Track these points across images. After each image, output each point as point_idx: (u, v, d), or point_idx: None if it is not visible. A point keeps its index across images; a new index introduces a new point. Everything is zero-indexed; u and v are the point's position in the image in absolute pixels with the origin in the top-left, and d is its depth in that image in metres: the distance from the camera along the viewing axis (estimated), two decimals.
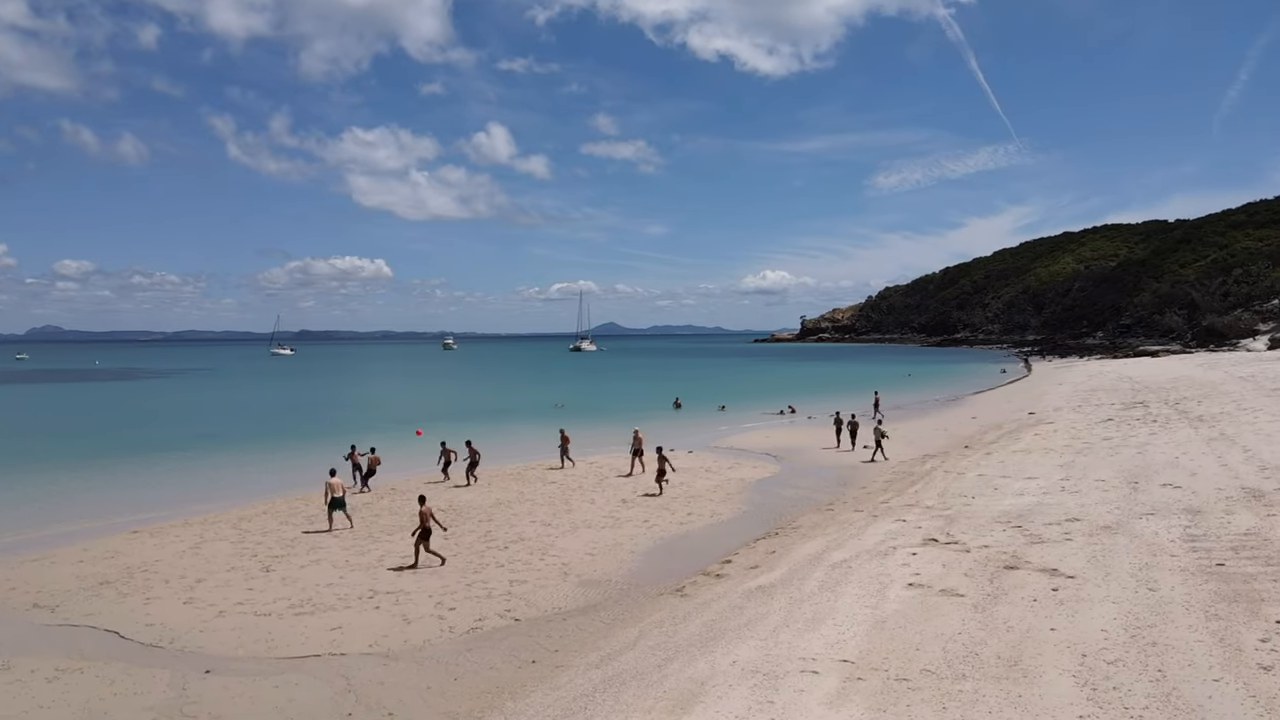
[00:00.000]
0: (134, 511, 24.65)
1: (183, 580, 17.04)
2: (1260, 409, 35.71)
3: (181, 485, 29.37)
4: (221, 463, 34.88)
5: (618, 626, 13.53)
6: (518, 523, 21.87)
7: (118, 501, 26.46)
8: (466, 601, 15.17)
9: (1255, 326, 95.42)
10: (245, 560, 18.55)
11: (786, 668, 10.88)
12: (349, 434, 44.31)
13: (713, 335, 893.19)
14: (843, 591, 14.02)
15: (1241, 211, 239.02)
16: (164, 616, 14.76)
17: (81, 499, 26.84)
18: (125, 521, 23.24)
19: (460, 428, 47.20)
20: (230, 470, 32.95)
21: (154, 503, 26.07)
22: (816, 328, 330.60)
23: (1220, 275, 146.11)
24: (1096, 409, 44.17)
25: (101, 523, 23.20)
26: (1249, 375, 57.09)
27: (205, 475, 31.76)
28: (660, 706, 10.02)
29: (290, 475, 31.42)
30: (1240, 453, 24.83)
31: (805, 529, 19.86)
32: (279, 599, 15.56)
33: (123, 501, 26.46)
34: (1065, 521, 17.95)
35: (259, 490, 28.09)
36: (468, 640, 13.29)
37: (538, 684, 11.28)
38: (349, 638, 13.46)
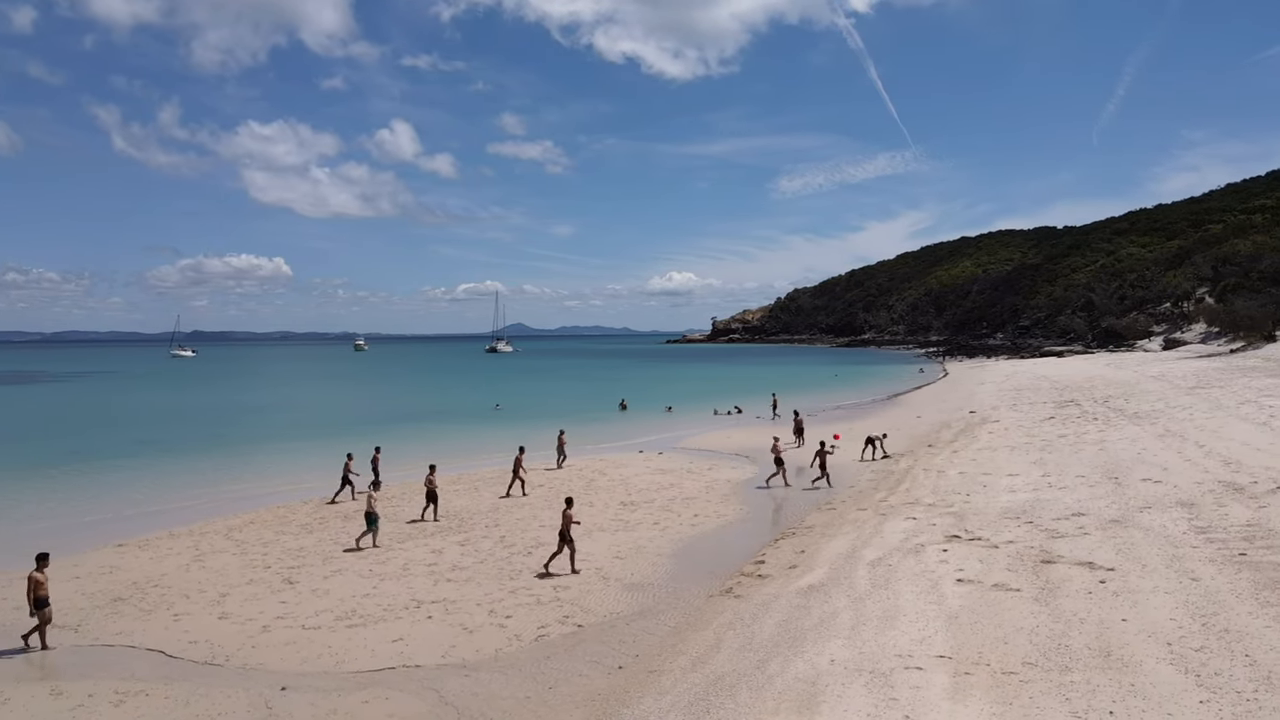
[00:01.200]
0: (100, 523, 23.48)
1: (203, 595, 16.32)
2: (1189, 406, 38.02)
3: (137, 494, 27.98)
4: (171, 470, 33.39)
5: (687, 630, 13.59)
6: (527, 527, 21.68)
7: (77, 513, 25.10)
8: (519, 609, 15.00)
9: (1150, 328, 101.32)
10: (259, 572, 17.87)
11: (887, 665, 11.18)
12: (297, 439, 43.03)
13: (621, 336, 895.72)
14: (898, 589, 14.42)
15: (1124, 219, 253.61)
16: (204, 633, 14.13)
17: (36, 511, 25.32)
18: (97, 534, 22.07)
19: (411, 430, 46.51)
20: (185, 477, 31.58)
21: (116, 513, 24.87)
22: (727, 328, 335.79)
23: (1114, 280, 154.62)
24: (1032, 408, 46.23)
25: (70, 536, 21.96)
26: (1159, 374, 60.63)
27: (159, 483, 30.33)
28: (785, 707, 10.18)
29: (253, 482, 30.44)
30: (1195, 448, 26.43)
31: (819, 528, 20.27)
32: (320, 611, 15.08)
33: (83, 512, 25.12)
34: (1072, 516, 18.84)
35: (227, 498, 27.08)
36: (539, 649, 13.16)
37: (641, 689, 11.27)
38: (416, 649, 13.16)
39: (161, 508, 25.78)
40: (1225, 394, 41.85)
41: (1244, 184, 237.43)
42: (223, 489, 29.02)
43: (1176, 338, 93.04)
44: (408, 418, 54.01)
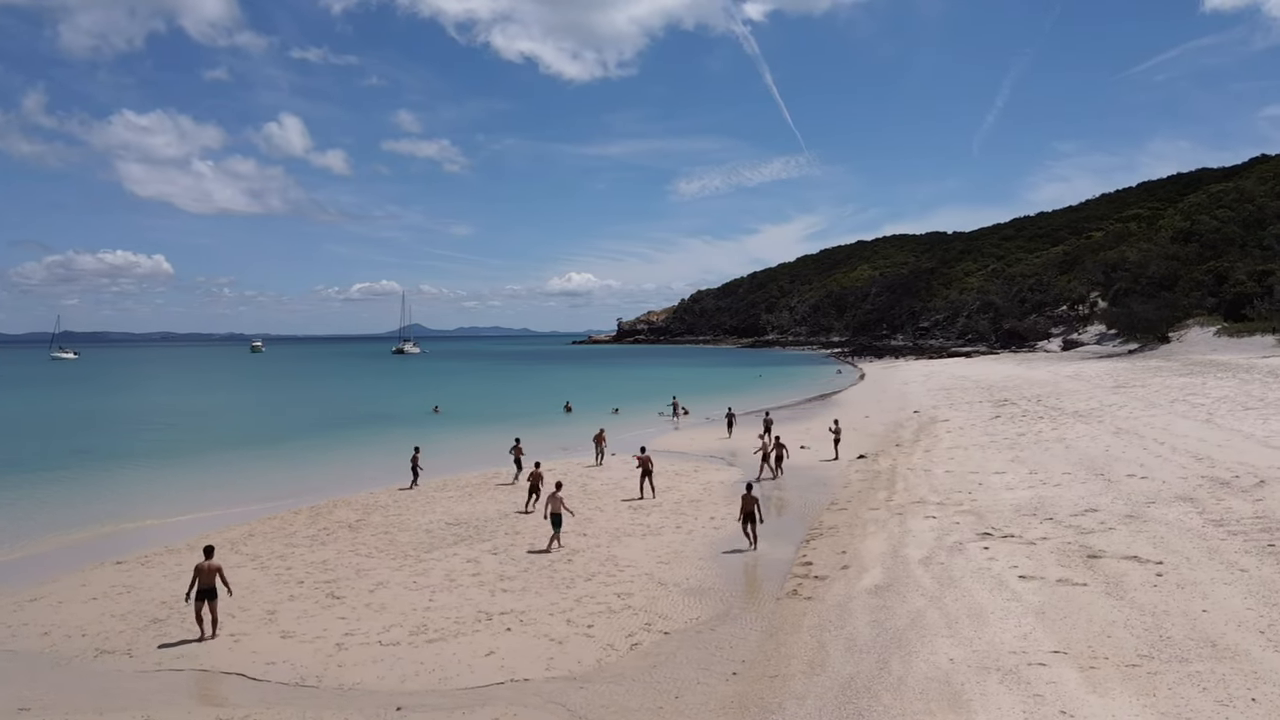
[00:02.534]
0: (83, 539, 22.06)
1: (248, 613, 15.53)
2: (1123, 405, 40.34)
3: (99, 506, 26.40)
4: (127, 479, 31.60)
5: (779, 634, 13.69)
6: (542, 536, 21.37)
7: (38, 526, 23.59)
8: (596, 618, 14.82)
9: (1049, 330, 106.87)
10: (294, 587, 17.12)
11: (1008, 662, 11.55)
12: (250, 447, 41.25)
13: (520, 337, 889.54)
14: (968, 587, 14.88)
15: (1010, 226, 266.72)
16: (275, 653, 13.47)
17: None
18: (87, 552, 20.77)
19: (361, 434, 45.09)
20: (148, 486, 29.96)
21: (83, 528, 23.45)
22: (633, 329, 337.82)
23: (1008, 284, 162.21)
24: (971, 407, 48.18)
25: (39, 552, 20.74)
26: (1074, 374, 64.10)
27: (122, 494, 28.69)
28: (935, 708, 10.41)
29: (224, 490, 29.05)
30: (1158, 445, 28.09)
31: (843, 528, 20.68)
32: (388, 626, 14.56)
33: (52, 528, 23.55)
34: (1086, 513, 19.78)
35: (203, 507, 25.81)
36: (640, 658, 13.05)
37: (774, 695, 11.31)
38: (515, 663, 12.87)
39: (137, 522, 24.39)
40: (1150, 393, 44.55)
41: (1117, 194, 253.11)
42: (197, 499, 27.63)
43: (1074, 339, 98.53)
44: (349, 422, 52.42)
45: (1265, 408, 33.78)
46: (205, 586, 14.29)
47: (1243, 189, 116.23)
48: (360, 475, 32.25)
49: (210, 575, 14.36)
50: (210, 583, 14.34)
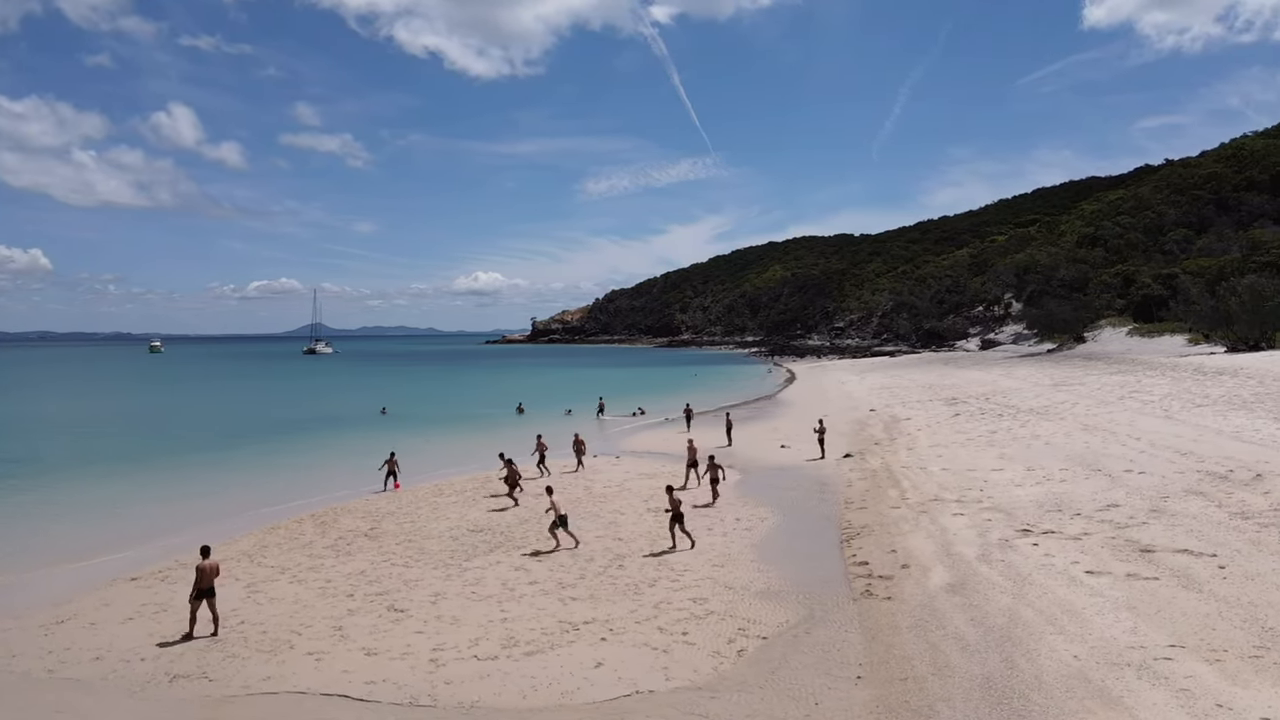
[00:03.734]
0: (43, 555, 20.63)
1: (313, 629, 14.72)
2: (1075, 402, 42.08)
3: (67, 521, 24.75)
4: (83, 492, 29.68)
5: (881, 634, 13.70)
6: (584, 538, 20.97)
7: (31, 550, 21.93)
8: (685, 624, 14.57)
9: (967, 330, 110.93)
10: (346, 600, 16.31)
11: (1132, 657, 11.84)
12: (194, 454, 39.30)
13: (427, 336, 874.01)
14: (1044, 584, 15.21)
15: (915, 229, 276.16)
16: (368, 671, 12.77)
17: None
18: (93, 570, 19.45)
19: (313, 439, 43.33)
20: (110, 500, 28.19)
21: (54, 541, 22.00)
22: (547, 329, 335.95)
23: (919, 285, 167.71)
24: (924, 405, 49.50)
25: (32, 572, 19.32)
26: (1005, 372, 66.58)
27: (86, 508, 26.95)
28: (1091, 705, 10.59)
29: (199, 500, 27.59)
30: (1134, 441, 29.38)
31: (876, 528, 20.89)
32: (476, 639, 14.00)
33: (47, 549, 21.96)
34: (1109, 508, 20.50)
35: (192, 519, 24.45)
36: (754, 664, 12.87)
37: (917, 698, 11.30)
38: (631, 674, 12.52)
39: (121, 533, 22.93)
40: (1093, 390, 46.62)
41: (1014, 199, 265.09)
42: (174, 511, 26.18)
43: (991, 338, 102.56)
44: (296, 426, 50.42)
45: (1216, 404, 35.73)
46: (206, 586, 14.59)
47: (1140, 196, 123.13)
48: (332, 480, 31.12)
49: (210, 575, 14.68)
50: (211, 583, 14.68)
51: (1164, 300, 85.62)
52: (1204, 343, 67.52)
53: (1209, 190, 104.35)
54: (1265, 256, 79.55)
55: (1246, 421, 30.82)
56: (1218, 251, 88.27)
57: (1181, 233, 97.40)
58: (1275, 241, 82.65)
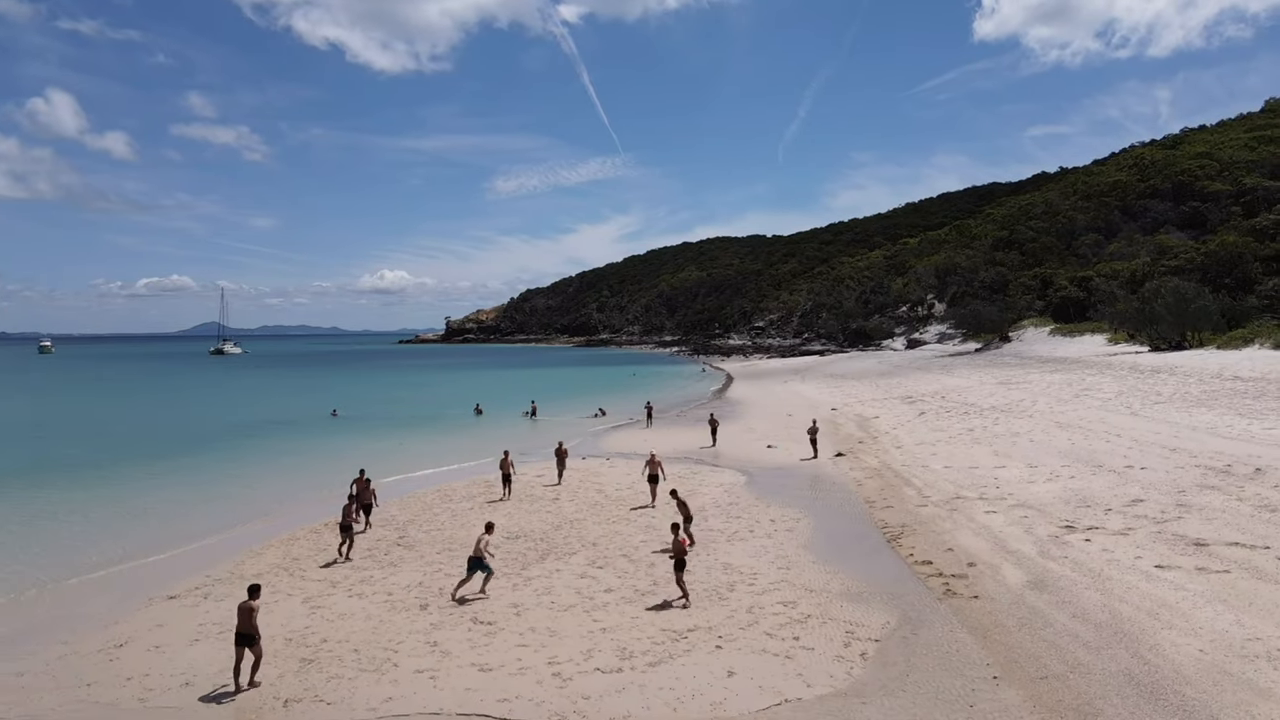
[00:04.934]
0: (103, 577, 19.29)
1: (404, 644, 14.05)
2: (1033, 400, 43.65)
3: (60, 535, 23.16)
4: (51, 503, 27.77)
5: (993, 633, 13.84)
6: (631, 543, 20.66)
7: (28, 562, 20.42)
8: (793, 628, 14.45)
9: (893, 330, 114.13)
10: (421, 614, 15.62)
11: (1254, 649, 12.29)
12: (153, 461, 37.28)
13: (330, 335, 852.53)
14: (1124, 581, 15.65)
15: (828, 230, 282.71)
16: (497, 689, 12.23)
17: None
18: (90, 587, 18.23)
19: (271, 443, 41.46)
20: (83, 511, 26.44)
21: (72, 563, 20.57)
22: (462, 328, 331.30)
23: (838, 285, 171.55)
24: (883, 404, 50.64)
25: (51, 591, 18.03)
26: (944, 369, 68.78)
27: (64, 520, 25.24)
28: (1247, 697, 10.94)
29: (187, 509, 26.14)
30: (1116, 438, 30.63)
31: (917, 527, 21.17)
32: (588, 651, 13.56)
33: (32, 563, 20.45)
34: (1135, 503, 21.28)
35: (189, 533, 23.14)
36: (881, 667, 12.83)
37: (1070, 697, 11.45)
38: (768, 682, 12.31)
39: (129, 547, 21.56)
40: (1044, 388, 48.44)
41: (921, 203, 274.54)
42: (161, 522, 24.74)
43: (917, 338, 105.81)
44: (247, 430, 48.26)
45: (1173, 401, 37.59)
46: (241, 631, 12.63)
47: (1050, 202, 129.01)
48: (310, 485, 30.00)
49: (244, 617, 12.67)
50: (245, 627, 12.61)
51: (1081, 301, 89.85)
52: (1124, 342, 70.97)
53: (1115, 197, 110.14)
54: (1174, 261, 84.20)
55: (1214, 418, 32.51)
56: (1128, 256, 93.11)
57: (1093, 237, 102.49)
58: (1181, 246, 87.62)
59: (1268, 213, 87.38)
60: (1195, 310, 59.67)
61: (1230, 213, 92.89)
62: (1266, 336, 51.71)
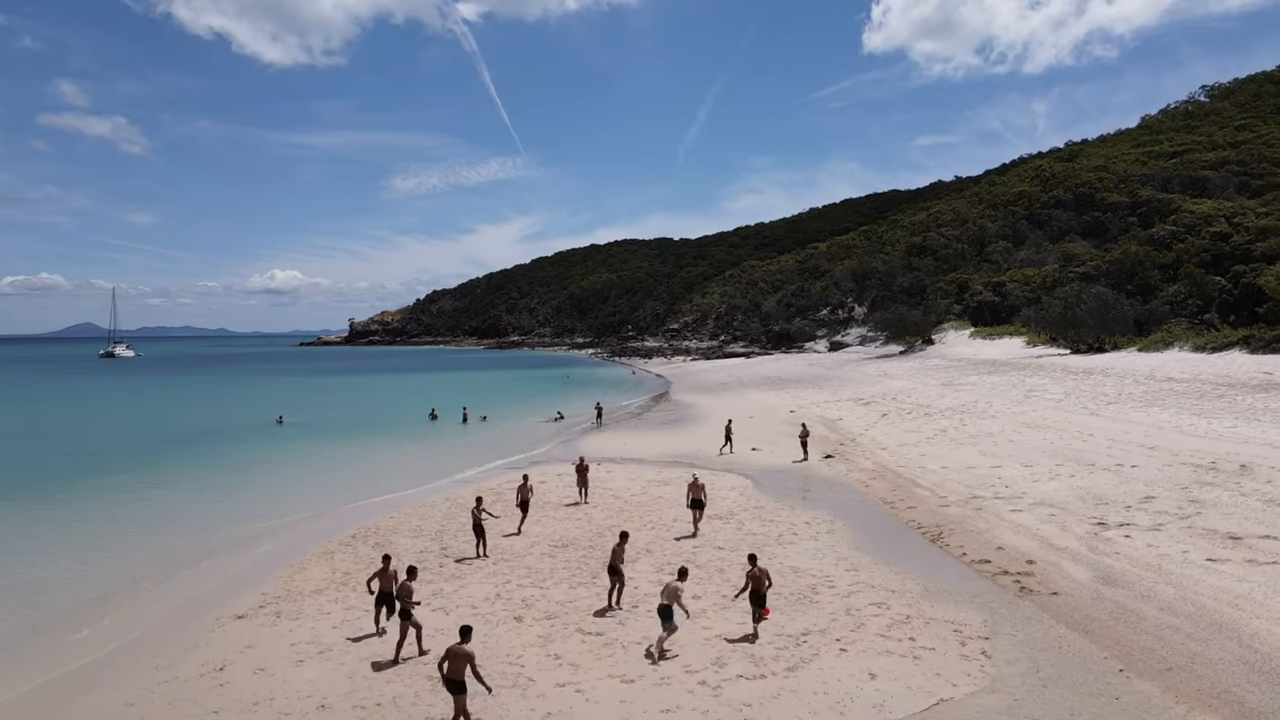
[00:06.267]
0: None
1: (525, 658, 13.81)
2: (988, 401, 45.50)
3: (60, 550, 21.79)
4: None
5: (1091, 628, 14.55)
6: (681, 548, 20.75)
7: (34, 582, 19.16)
8: (900, 628, 14.83)
9: (815, 333, 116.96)
10: (517, 627, 15.37)
11: None
12: (110, 474, 35.32)
13: (218, 337, 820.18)
14: (1187, 575, 16.65)
15: (735, 234, 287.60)
16: (650, 700, 12.18)
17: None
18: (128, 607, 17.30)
19: (220, 453, 39.49)
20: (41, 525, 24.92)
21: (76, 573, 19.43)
22: (366, 330, 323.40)
23: (751, 288, 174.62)
24: (838, 405, 51.94)
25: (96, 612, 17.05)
26: (881, 373, 70.96)
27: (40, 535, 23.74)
28: None
29: (188, 526, 24.93)
30: (1090, 437, 32.32)
31: (954, 527, 21.90)
32: (717, 659, 13.61)
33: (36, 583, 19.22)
34: (1147, 500, 22.56)
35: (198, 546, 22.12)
36: (1009, 664, 13.29)
37: (1206, 686, 12.16)
38: (913, 683, 12.62)
39: (144, 566, 20.46)
40: (989, 389, 50.51)
41: (825, 208, 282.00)
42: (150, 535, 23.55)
43: (839, 340, 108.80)
44: (193, 441, 46.07)
45: (1123, 401, 39.82)
46: (454, 677, 11.43)
47: (958, 210, 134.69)
48: (297, 495, 29.06)
49: (460, 663, 11.48)
50: (459, 673, 11.45)
51: (996, 305, 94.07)
52: (1042, 344, 74.61)
53: (1021, 206, 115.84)
54: (1081, 267, 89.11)
55: (1171, 417, 34.64)
56: (1037, 262, 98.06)
57: (1003, 245, 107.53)
58: (1086, 254, 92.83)
59: (1163, 223, 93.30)
60: (1114, 315, 63.30)
61: (1128, 223, 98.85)
62: (1185, 340, 55.34)
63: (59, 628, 16.42)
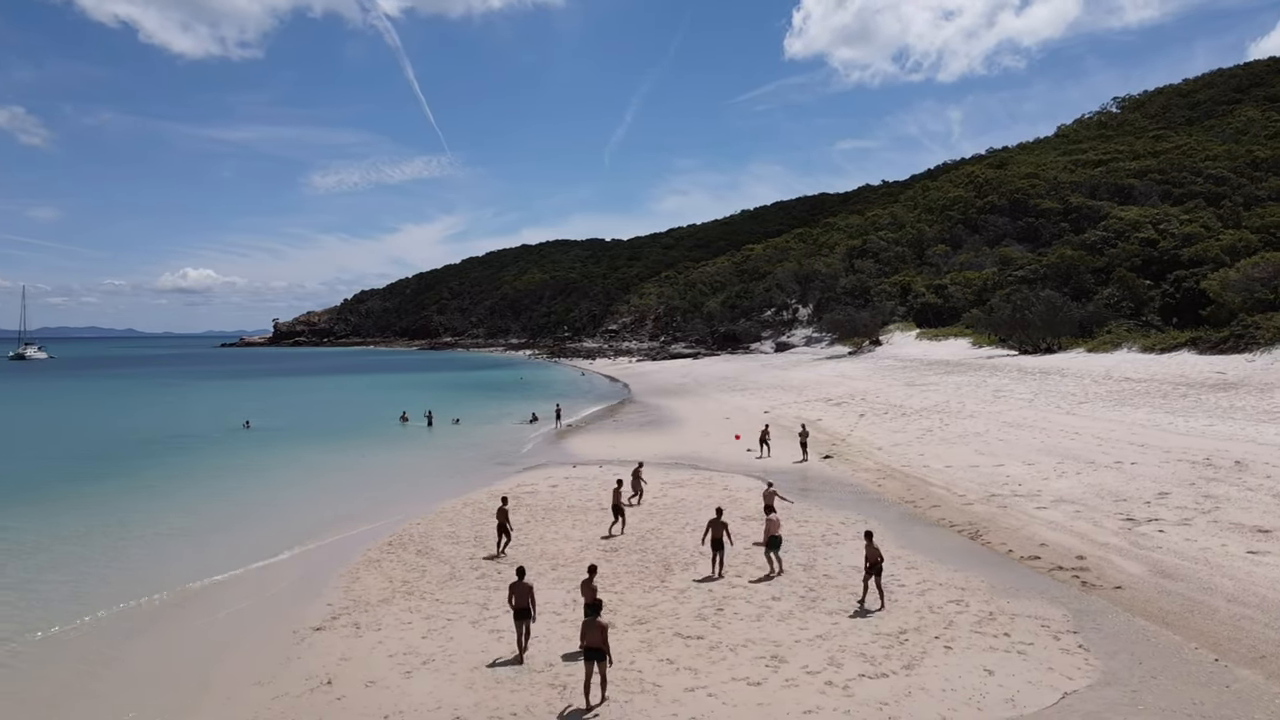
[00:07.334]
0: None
1: (635, 663, 13.81)
2: (961, 402, 46.80)
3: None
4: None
5: (1170, 620, 15.15)
6: (737, 552, 20.88)
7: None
8: (988, 624, 15.22)
9: (760, 334, 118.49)
10: (614, 632, 15.35)
11: None
12: (92, 482, 33.87)
13: (126, 338, 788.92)
14: (1237, 567, 17.46)
15: (669, 235, 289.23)
16: (789, 702, 12.32)
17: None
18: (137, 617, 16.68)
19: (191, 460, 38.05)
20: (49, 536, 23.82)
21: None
22: (291, 330, 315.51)
23: (689, 289, 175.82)
24: (810, 406, 52.80)
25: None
26: (839, 374, 72.34)
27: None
28: None
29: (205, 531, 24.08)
30: (1076, 435, 33.53)
31: (985, 525, 22.54)
32: (831, 660, 13.76)
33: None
34: (1161, 496, 23.59)
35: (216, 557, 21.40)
36: (1109, 656, 13.83)
37: None
38: (1031, 677, 12.97)
39: (181, 573, 19.70)
40: (954, 390, 51.93)
41: (757, 210, 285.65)
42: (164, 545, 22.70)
43: (785, 341, 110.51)
44: (166, 446, 44.34)
45: (1092, 400, 41.42)
46: (595, 645, 12.54)
47: (895, 214, 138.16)
48: (293, 503, 28.40)
49: (602, 634, 12.57)
50: (602, 642, 12.55)
51: (939, 307, 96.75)
52: (988, 345, 77.05)
53: (957, 211, 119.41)
54: (1019, 271, 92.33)
55: (1146, 416, 36.20)
56: (976, 266, 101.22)
57: (942, 248, 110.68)
58: (1023, 258, 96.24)
59: (1094, 229, 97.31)
60: (1062, 318, 65.81)
61: (1061, 228, 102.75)
62: (1133, 341, 57.85)
63: (122, 646, 15.71)
